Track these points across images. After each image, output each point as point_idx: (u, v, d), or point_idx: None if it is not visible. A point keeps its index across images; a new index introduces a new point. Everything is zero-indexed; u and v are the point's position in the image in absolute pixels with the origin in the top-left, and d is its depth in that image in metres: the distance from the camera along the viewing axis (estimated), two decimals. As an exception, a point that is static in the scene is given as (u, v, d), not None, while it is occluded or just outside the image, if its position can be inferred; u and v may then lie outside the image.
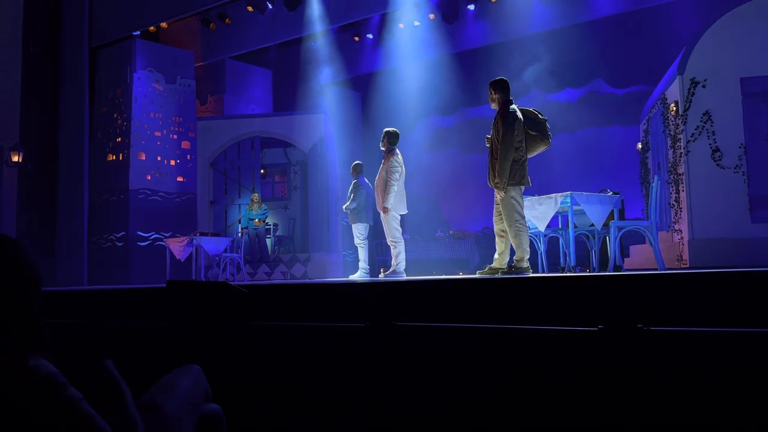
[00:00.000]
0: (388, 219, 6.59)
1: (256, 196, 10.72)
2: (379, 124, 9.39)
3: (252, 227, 10.73)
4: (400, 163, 6.58)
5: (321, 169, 10.94)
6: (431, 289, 3.23)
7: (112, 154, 10.76)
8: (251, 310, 3.26)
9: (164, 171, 10.82)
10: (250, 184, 11.28)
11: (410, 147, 11.27)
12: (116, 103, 10.81)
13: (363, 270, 7.58)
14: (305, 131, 11.04)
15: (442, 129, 12.68)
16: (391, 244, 6.64)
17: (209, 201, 11.08)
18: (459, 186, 12.16)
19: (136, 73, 10.70)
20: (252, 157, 11.34)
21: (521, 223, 4.91)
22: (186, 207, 10.99)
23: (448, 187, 12.28)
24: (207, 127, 11.21)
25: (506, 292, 2.96)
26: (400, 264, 6.57)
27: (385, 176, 6.57)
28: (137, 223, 10.37)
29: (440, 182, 12.23)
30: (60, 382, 1.35)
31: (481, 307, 2.93)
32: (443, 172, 12.27)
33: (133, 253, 10.26)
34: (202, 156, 11.12)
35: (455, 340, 2.65)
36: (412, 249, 10.52)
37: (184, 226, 10.69)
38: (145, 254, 10.33)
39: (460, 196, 12.10)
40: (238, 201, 11.18)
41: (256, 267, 10.58)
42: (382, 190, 6.57)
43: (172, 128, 11.04)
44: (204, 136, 11.17)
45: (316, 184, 10.96)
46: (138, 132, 10.59)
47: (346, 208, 7.65)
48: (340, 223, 11.27)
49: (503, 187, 4.87)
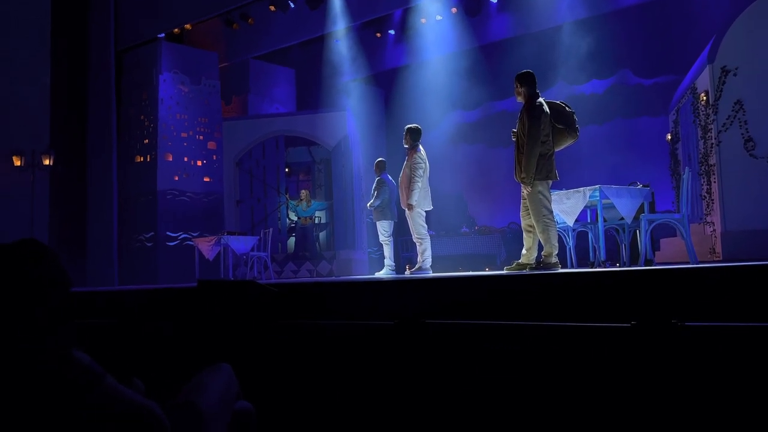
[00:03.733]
0: (413, 216, 6.57)
1: (305, 193, 10.85)
2: (403, 121, 9.37)
3: (299, 225, 10.87)
4: (423, 160, 6.56)
5: (345, 166, 10.97)
6: (459, 285, 3.21)
7: (139, 156, 10.95)
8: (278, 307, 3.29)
9: (191, 171, 10.98)
10: (275, 183, 11.37)
11: (435, 142, 11.23)
12: (143, 105, 10.99)
13: (389, 267, 7.58)
14: (329, 129, 11.08)
15: (467, 123, 12.61)
16: (417, 240, 6.63)
17: (235, 200, 11.20)
18: (484, 181, 12.08)
19: (161, 75, 10.86)
20: (277, 156, 11.43)
21: (549, 218, 4.86)
22: (213, 207, 11.14)
23: (474, 182, 12.21)
24: (232, 127, 11.32)
25: (535, 288, 2.93)
26: (427, 260, 6.56)
27: (408, 173, 6.55)
28: (166, 224, 10.54)
29: (465, 177, 12.17)
30: (99, 371, 1.42)
31: (509, 304, 2.91)
32: (468, 167, 12.20)
33: (162, 252, 10.43)
34: (228, 156, 11.24)
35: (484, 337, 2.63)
36: (438, 245, 10.49)
37: (212, 226, 10.84)
38: (174, 254, 10.50)
39: (485, 192, 12.02)
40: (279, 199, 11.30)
41: (282, 265, 10.68)
42: (406, 187, 6.56)
43: (198, 129, 11.18)
44: (229, 136, 11.29)
45: (340, 182, 11.00)
46: (164, 133, 10.75)
47: (371, 206, 7.66)
48: (364, 221, 11.30)
49: (530, 182, 4.83)
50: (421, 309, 3.09)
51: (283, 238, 11.45)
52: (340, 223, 10.91)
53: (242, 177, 11.39)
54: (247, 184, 11.43)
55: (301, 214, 10.87)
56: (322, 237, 11.82)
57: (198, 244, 8.83)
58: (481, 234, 11.05)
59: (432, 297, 3.16)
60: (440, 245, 10.76)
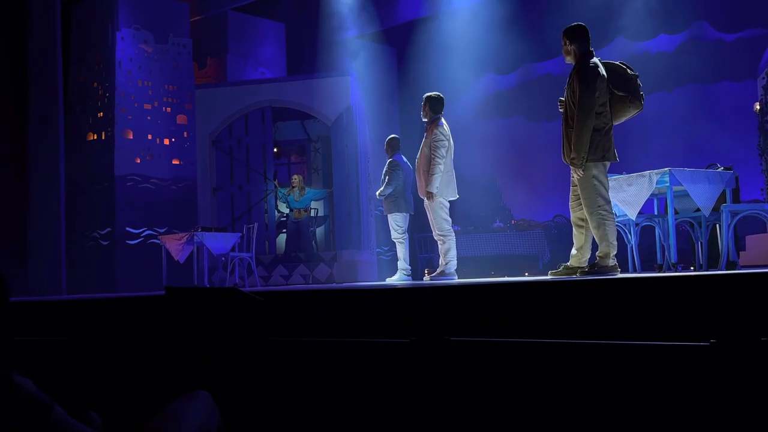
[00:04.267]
0: (434, 207, 6.58)
1: (298, 179, 10.91)
2: (421, 88, 9.34)
3: (292, 219, 10.91)
4: (446, 136, 6.56)
5: (348, 145, 10.99)
6: (492, 295, 3.22)
7: (92, 133, 11.02)
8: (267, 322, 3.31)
9: (156, 152, 11.04)
10: (261, 167, 11.41)
11: (461, 115, 11.21)
12: (96, 69, 11.04)
13: (403, 271, 7.59)
14: (328, 99, 11.09)
15: (501, 91, 12.57)
16: (438, 238, 6.65)
17: (212, 188, 11.26)
18: (523, 163, 12.05)
19: (119, 31, 10.90)
20: (263, 133, 11.47)
21: (606, 210, 4.85)
22: (184, 196, 11.20)
23: (510, 164, 12.18)
24: (207, 97, 11.37)
25: (587, 299, 2.93)
26: (450, 263, 6.57)
27: (428, 153, 6.56)
28: (125, 217, 10.60)
29: (500, 159, 12.15)
30: (46, 401, 1.42)
31: (555, 318, 2.91)
32: (503, 145, 12.18)
33: (122, 253, 10.51)
34: (202, 133, 11.30)
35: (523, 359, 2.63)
36: (464, 244, 10.50)
37: (183, 220, 10.90)
38: (136, 255, 10.57)
39: (524, 177, 12.00)
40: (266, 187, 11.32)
41: (271, 269, 10.73)
42: (425, 171, 6.57)
43: (165, 99, 11.22)
44: (204, 107, 11.33)
45: (342, 165, 11.02)
46: (123, 105, 10.81)
47: (381, 195, 7.67)
48: (373, 213, 11.32)
49: (581, 163, 4.82)
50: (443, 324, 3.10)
51: (271, 236, 11.51)
52: (342, 217, 10.95)
53: (220, 159, 11.45)
54: (227, 168, 11.48)
55: (293, 206, 10.91)
56: (320, 234, 11.86)
57: (166, 242, 8.89)
58: (519, 230, 11.04)
59: (457, 309, 3.16)
60: (467, 244, 10.77)
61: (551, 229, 11.00)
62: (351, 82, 11.14)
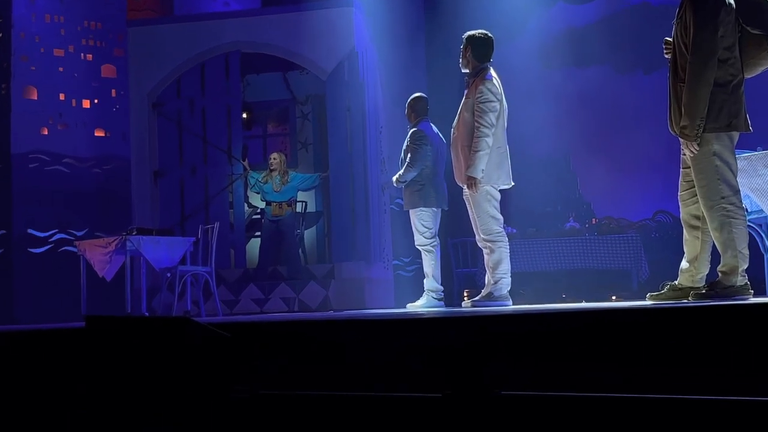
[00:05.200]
0: (478, 200, 6.58)
1: (278, 158, 10.91)
2: (458, 25, 9.32)
3: (269, 216, 10.90)
4: (497, 95, 6.56)
5: (351, 109, 10.97)
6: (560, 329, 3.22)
7: (-22, 91, 11.06)
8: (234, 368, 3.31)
9: (72, 119, 11.07)
10: (225, 141, 11.42)
11: (517, 63, 11.18)
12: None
13: (432, 294, 7.58)
14: (322, 41, 11.09)
15: (576, 28, 12.51)
16: (485, 245, 6.65)
17: (152, 172, 11.28)
18: (610, 135, 12.00)
19: (17, -58, 10.95)
20: (227, 92, 11.45)
21: (732, 203, 4.81)
22: (111, 184, 11.22)
23: (590, 137, 12.13)
24: (145, 39, 11.39)
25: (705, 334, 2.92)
26: (501, 282, 6.58)
27: (470, 120, 6.56)
28: (27, 214, 10.63)
29: (574, 128, 12.10)
30: None
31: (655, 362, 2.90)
32: (579, 108, 12.13)
33: (22, 265, 10.54)
34: (138, 91, 11.30)
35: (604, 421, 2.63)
36: (523, 253, 10.46)
37: (110, 219, 10.92)
38: (42, 268, 10.59)
39: (611, 155, 11.95)
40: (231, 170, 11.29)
41: (239, 289, 10.73)
42: (466, 146, 6.57)
43: (85, 42, 11.27)
44: (141, 54, 11.35)
45: (342, 138, 11.01)
46: (24, 51, 10.84)
47: (400, 182, 7.67)
48: (387, 209, 11.30)
49: (696, 134, 4.79)
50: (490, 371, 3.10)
51: (238, 241, 11.50)
52: (342, 214, 10.93)
53: (164, 129, 11.44)
54: (174, 142, 11.49)
55: (271, 198, 10.90)
56: (310, 239, 11.84)
57: (85, 251, 8.90)
58: (603, 233, 10.99)
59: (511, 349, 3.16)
60: (527, 254, 10.73)
61: (650, 231, 10.95)
62: (355, 16, 11.13)
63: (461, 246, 11.10)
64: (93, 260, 8.79)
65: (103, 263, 8.66)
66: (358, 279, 10.68)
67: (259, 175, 11.12)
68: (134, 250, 8.58)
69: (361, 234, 10.88)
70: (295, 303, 10.68)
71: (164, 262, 8.79)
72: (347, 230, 10.91)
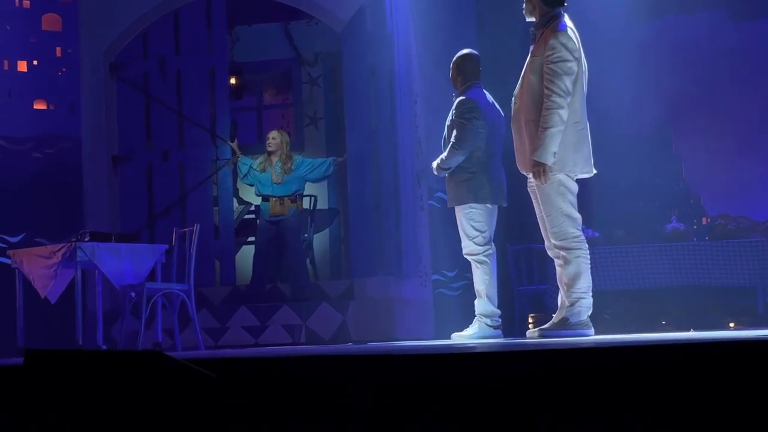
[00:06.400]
0: (548, 192, 6.61)
1: (278, 138, 10.94)
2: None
3: (267, 216, 10.89)
4: (573, 52, 6.57)
5: (376, 71, 10.97)
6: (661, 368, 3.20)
7: None
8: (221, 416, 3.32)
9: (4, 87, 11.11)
10: (207, 116, 11.45)
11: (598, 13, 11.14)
12: None
13: (485, 320, 7.61)
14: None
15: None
16: (557, 253, 6.69)
17: (111, 157, 11.33)
18: (725, 106, 11.94)
19: None
20: (209, 49, 11.49)
21: None
22: (57, 173, 11.25)
23: (697, 110, 12.09)
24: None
25: None
26: (580, 304, 6.60)
27: (537, 85, 6.57)
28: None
29: (676, 98, 12.07)
30: None
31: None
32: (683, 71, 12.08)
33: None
34: (92, 48, 11.36)
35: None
36: (608, 265, 10.42)
37: (55, 220, 10.96)
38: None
39: (726, 134, 11.89)
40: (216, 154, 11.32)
41: (227, 313, 10.75)
42: (531, 121, 6.59)
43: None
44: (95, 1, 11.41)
45: (363, 109, 11.02)
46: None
47: (442, 168, 7.69)
48: (425, 205, 11.30)
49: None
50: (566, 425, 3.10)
51: (225, 249, 11.54)
52: (364, 212, 10.94)
53: (126, 99, 11.50)
54: (140, 117, 11.54)
55: (268, 191, 10.90)
56: (321, 245, 11.84)
57: (23, 263, 8.93)
58: (716, 237, 10.96)
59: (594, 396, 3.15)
60: (614, 264, 10.69)
61: (783, 236, 10.89)
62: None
63: (525, 255, 11.09)
64: (32, 275, 8.81)
65: (45, 279, 8.68)
66: (385, 300, 10.69)
67: (254, 161, 11.13)
68: (87, 261, 8.61)
69: (389, 239, 10.88)
70: (301, 332, 10.70)
71: (127, 277, 8.81)
72: (371, 234, 10.91)
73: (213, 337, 10.50)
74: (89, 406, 3.37)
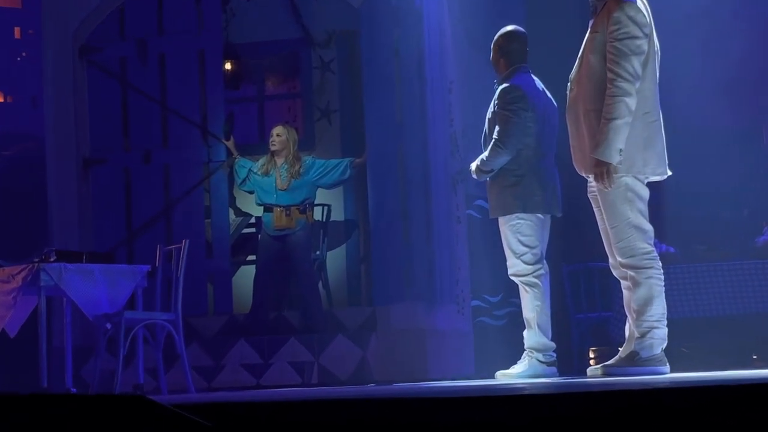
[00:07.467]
0: (613, 198, 6.63)
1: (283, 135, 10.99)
2: None
3: (270, 229, 10.92)
4: (643, 27, 6.58)
5: (401, 52, 11.01)
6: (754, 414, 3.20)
7: None
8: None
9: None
10: (198, 110, 11.51)
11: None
12: None
13: (536, 355, 7.62)
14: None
15: None
16: (624, 273, 6.72)
17: (82, 159, 11.41)
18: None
19: None
20: (199, 28, 11.56)
21: None
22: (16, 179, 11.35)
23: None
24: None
25: None
26: (653, 335, 6.61)
27: (598, 67, 6.60)
28: None
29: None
30: None
31: None
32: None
33: None
34: (58, 28, 11.45)
35: None
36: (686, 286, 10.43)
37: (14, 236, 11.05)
38: None
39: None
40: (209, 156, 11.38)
41: (222, 348, 10.79)
42: (591, 111, 6.61)
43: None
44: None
45: (386, 99, 11.05)
46: None
47: (483, 171, 7.70)
48: (463, 216, 11.33)
49: None
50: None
51: (220, 270, 11.59)
52: (388, 225, 10.97)
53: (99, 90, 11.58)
54: (116, 111, 11.61)
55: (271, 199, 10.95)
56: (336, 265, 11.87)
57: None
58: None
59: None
60: (694, 287, 10.69)
61: None
62: None
63: (584, 276, 11.11)
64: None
65: (3, 309, 8.72)
66: (414, 331, 10.72)
67: (254, 163, 11.18)
68: (53, 286, 8.63)
69: (418, 258, 10.90)
70: (312, 371, 10.73)
71: (101, 305, 8.85)
72: (396, 252, 10.94)
73: (205, 377, 10.55)
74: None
